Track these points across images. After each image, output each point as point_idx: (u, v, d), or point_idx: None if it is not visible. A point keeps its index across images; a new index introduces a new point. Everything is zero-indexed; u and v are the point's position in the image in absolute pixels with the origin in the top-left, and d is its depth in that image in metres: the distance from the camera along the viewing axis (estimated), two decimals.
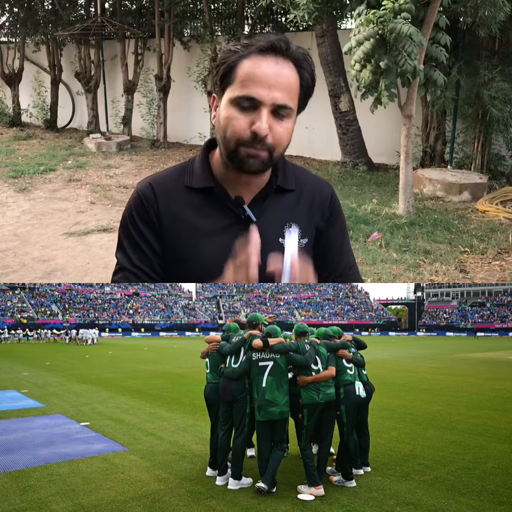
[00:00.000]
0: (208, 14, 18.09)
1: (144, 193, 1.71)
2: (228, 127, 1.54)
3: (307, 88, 1.60)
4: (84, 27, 18.87)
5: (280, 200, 1.75)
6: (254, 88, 1.49)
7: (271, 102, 1.49)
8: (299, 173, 1.83)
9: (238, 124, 1.52)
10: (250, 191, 1.70)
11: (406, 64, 8.57)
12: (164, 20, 18.58)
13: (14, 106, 22.97)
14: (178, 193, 1.71)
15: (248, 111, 1.51)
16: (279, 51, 1.51)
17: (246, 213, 1.67)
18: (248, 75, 1.50)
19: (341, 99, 15.01)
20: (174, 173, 1.76)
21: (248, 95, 1.49)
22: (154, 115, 19.95)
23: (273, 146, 1.54)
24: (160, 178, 1.76)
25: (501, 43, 12.57)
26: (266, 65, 1.49)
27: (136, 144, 19.86)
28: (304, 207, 1.79)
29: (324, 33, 14.48)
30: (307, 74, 1.57)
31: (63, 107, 23.61)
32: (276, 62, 1.50)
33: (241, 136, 1.52)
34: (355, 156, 15.43)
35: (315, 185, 1.84)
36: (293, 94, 1.55)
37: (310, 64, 1.58)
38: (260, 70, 1.49)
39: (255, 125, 1.49)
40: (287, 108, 1.53)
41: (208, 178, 1.70)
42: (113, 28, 19.03)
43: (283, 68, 1.51)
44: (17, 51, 23.30)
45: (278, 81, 1.49)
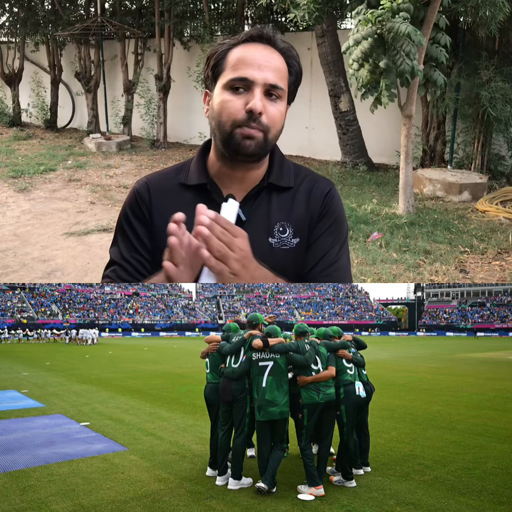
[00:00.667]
0: (208, 14, 18.10)
1: (139, 190, 1.75)
2: (223, 110, 1.57)
3: (296, 76, 1.66)
4: (84, 27, 18.87)
5: (273, 198, 1.72)
6: (246, 70, 1.54)
7: (263, 82, 1.54)
8: (299, 171, 1.80)
9: (232, 105, 1.55)
10: (243, 188, 1.69)
11: (404, 63, 8.57)
12: (164, 20, 18.58)
13: (14, 106, 22.98)
14: (173, 191, 1.73)
15: (242, 94, 1.55)
16: (266, 39, 1.59)
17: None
18: (239, 59, 1.56)
19: (341, 99, 15.01)
20: (171, 172, 1.79)
21: (240, 76, 1.54)
22: (153, 115, 19.95)
23: (267, 126, 1.56)
24: (157, 176, 1.79)
25: (501, 43, 12.57)
26: (255, 49, 1.57)
27: (136, 144, 19.86)
28: (299, 205, 1.74)
29: (324, 33, 14.48)
30: (295, 62, 1.64)
31: (63, 107, 23.61)
32: (263, 48, 1.58)
33: (236, 117, 1.55)
34: (355, 156, 15.43)
35: (312, 183, 1.78)
36: (282, 76, 1.60)
37: (295, 55, 1.65)
38: (250, 53, 1.56)
39: (250, 103, 1.52)
40: (279, 88, 1.57)
41: (202, 175, 1.71)
42: (113, 28, 19.03)
43: (271, 54, 1.58)
44: (17, 51, 23.31)
45: (268, 62, 1.56)
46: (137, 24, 20.22)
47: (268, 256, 1.64)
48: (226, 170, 1.68)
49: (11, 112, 22.92)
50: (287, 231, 1.70)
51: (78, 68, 21.40)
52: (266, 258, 1.60)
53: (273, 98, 1.57)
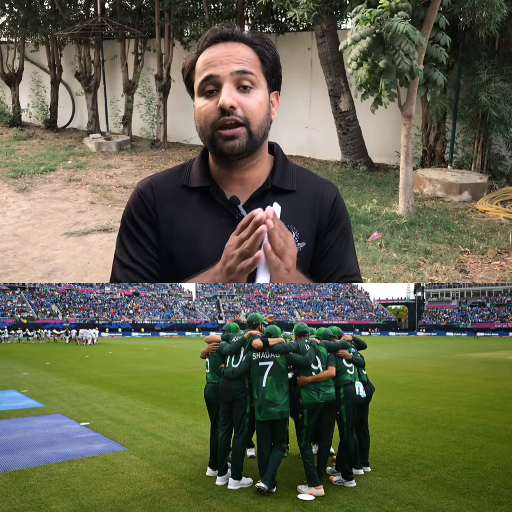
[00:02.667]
0: (208, 14, 18.09)
1: (143, 191, 1.74)
2: (200, 116, 1.58)
3: (271, 61, 1.62)
4: (84, 27, 18.88)
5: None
6: (209, 69, 1.55)
7: (228, 73, 1.53)
8: (302, 174, 1.79)
9: (206, 109, 1.56)
10: (246, 190, 1.68)
11: (403, 63, 8.56)
12: (164, 20, 18.58)
13: (14, 106, 22.98)
14: (176, 192, 1.72)
15: (214, 96, 1.55)
16: (226, 37, 1.58)
17: (241, 213, 1.64)
18: (203, 63, 1.58)
19: (341, 99, 15.01)
20: (174, 173, 1.78)
21: (205, 75, 1.55)
22: (153, 115, 19.95)
23: (246, 118, 1.54)
24: (160, 177, 1.79)
25: (501, 43, 12.58)
26: (215, 48, 1.58)
27: (136, 144, 19.87)
28: (305, 209, 1.73)
29: (324, 33, 14.48)
30: (265, 48, 1.61)
31: (63, 107, 23.62)
32: (225, 45, 1.58)
33: (212, 119, 1.55)
34: (355, 156, 15.43)
35: (318, 187, 1.78)
36: (251, 64, 1.57)
37: (264, 41, 1.62)
38: (211, 55, 1.57)
39: (219, 101, 1.52)
40: (248, 73, 1.54)
41: (204, 178, 1.70)
42: (113, 28, 19.03)
43: (233, 48, 1.57)
44: (17, 51, 23.31)
45: (230, 56, 1.55)
46: (137, 24, 20.22)
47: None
48: (224, 172, 1.68)
49: (11, 112, 22.93)
50: (293, 234, 1.68)
51: (78, 68, 21.41)
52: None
53: (248, 89, 1.54)
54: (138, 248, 1.72)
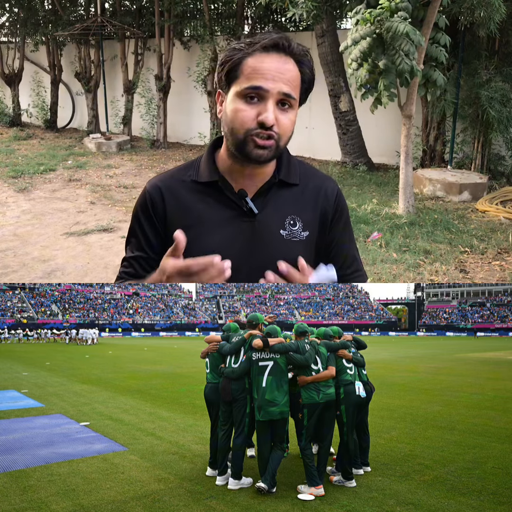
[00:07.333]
0: (208, 14, 18.09)
1: (151, 193, 1.82)
2: (236, 118, 1.62)
3: (308, 82, 1.69)
4: (84, 27, 18.88)
5: (283, 194, 1.82)
6: (260, 79, 1.58)
7: (277, 91, 1.58)
8: (304, 168, 1.90)
9: (245, 115, 1.60)
10: (254, 184, 1.77)
11: (403, 63, 8.56)
12: (164, 20, 18.58)
13: (14, 106, 22.99)
14: (185, 189, 1.80)
15: (255, 103, 1.59)
16: (281, 49, 1.60)
17: (248, 205, 1.74)
18: (254, 69, 1.59)
19: (341, 99, 15.02)
20: (181, 170, 1.87)
21: (255, 85, 1.57)
22: (153, 115, 19.95)
23: (279, 135, 1.62)
24: (167, 177, 1.86)
25: (501, 43, 12.58)
26: (270, 60, 1.59)
27: (136, 144, 19.87)
28: (308, 201, 1.85)
29: (324, 33, 14.48)
30: (308, 70, 1.67)
31: (63, 107, 23.62)
32: (279, 58, 1.60)
33: (249, 126, 1.60)
34: (355, 156, 15.44)
35: (320, 181, 1.90)
36: (295, 86, 1.63)
37: (309, 60, 1.68)
38: (264, 65, 1.59)
39: (262, 116, 1.57)
40: (291, 98, 1.61)
41: (213, 172, 1.78)
42: (113, 28, 19.04)
43: (286, 64, 1.60)
44: (17, 51, 23.32)
45: (281, 74, 1.59)
46: (137, 24, 20.23)
47: (280, 247, 1.77)
48: (236, 167, 1.75)
49: (11, 112, 22.94)
50: (297, 224, 1.81)
51: (78, 68, 21.41)
52: (278, 249, 1.75)
53: (285, 108, 1.62)
54: (138, 245, 1.85)
